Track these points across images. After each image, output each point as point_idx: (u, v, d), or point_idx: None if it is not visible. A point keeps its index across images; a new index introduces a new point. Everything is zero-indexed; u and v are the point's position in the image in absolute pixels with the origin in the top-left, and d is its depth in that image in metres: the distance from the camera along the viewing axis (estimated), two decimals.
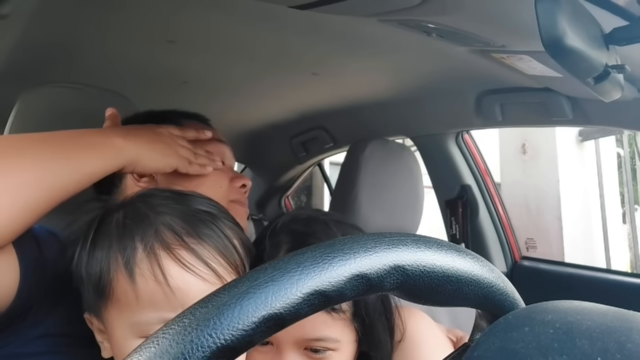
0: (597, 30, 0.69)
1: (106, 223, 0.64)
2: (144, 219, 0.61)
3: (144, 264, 0.58)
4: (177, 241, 0.60)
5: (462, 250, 0.35)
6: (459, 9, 0.85)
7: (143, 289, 0.58)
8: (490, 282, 0.35)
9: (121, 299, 0.59)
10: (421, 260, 0.32)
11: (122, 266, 0.59)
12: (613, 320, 0.30)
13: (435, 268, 0.33)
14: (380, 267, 0.31)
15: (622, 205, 3.78)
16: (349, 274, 0.30)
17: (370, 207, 1.37)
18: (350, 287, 0.30)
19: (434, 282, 0.33)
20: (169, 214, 0.62)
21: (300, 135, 2.03)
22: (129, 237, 0.60)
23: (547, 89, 1.29)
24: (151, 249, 0.59)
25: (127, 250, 0.59)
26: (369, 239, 0.32)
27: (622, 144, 3.54)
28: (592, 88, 0.73)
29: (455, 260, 0.34)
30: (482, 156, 1.76)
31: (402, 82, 1.47)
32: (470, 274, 0.34)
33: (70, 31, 1.13)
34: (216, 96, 1.64)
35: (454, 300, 0.35)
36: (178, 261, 0.59)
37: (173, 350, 0.27)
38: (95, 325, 0.64)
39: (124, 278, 0.59)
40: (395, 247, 0.32)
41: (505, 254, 1.73)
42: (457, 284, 0.34)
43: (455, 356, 0.40)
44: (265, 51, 1.25)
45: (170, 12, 1.05)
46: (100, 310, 0.62)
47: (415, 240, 0.33)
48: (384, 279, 0.31)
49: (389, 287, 0.32)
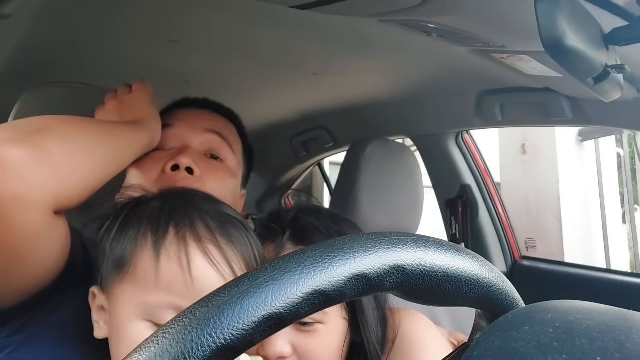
0: (597, 31, 0.69)
1: (142, 207, 0.66)
2: (180, 210, 0.63)
3: (173, 248, 0.60)
4: (209, 236, 0.62)
5: (462, 250, 0.35)
6: (459, 9, 0.85)
7: (165, 271, 0.59)
8: (489, 281, 0.35)
9: (140, 275, 0.60)
10: (421, 260, 0.32)
11: (150, 244, 0.60)
12: (612, 319, 0.30)
13: (435, 268, 0.33)
14: (380, 267, 0.31)
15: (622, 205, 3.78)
16: (349, 274, 0.30)
17: (370, 207, 1.37)
18: (351, 287, 0.30)
19: (433, 282, 0.33)
20: (206, 212, 0.64)
21: (300, 135, 2.03)
22: (164, 221, 0.62)
23: (547, 89, 1.29)
24: (183, 236, 0.61)
25: (160, 231, 0.61)
26: (369, 238, 0.32)
27: (622, 144, 3.54)
28: (592, 88, 0.73)
29: (455, 260, 0.34)
30: (482, 156, 1.76)
31: (403, 82, 1.47)
32: (469, 274, 0.34)
33: (72, 31, 1.13)
34: (217, 96, 1.63)
35: (453, 300, 0.35)
36: (205, 254, 0.60)
37: (173, 349, 0.27)
38: (97, 301, 0.65)
39: (149, 255, 0.60)
40: (395, 247, 0.32)
41: (505, 253, 1.73)
42: (457, 283, 0.34)
43: (455, 356, 0.41)
44: (267, 51, 1.26)
45: (173, 12, 1.05)
46: (111, 284, 0.63)
47: (415, 240, 0.33)
48: (384, 278, 0.31)
49: (389, 287, 0.32)
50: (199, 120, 0.93)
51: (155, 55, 1.29)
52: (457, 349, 0.41)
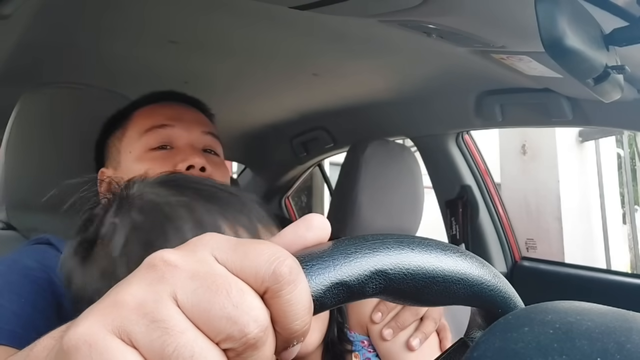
0: (597, 31, 0.69)
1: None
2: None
3: None
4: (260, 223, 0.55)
5: (449, 248, 0.34)
6: (459, 10, 0.85)
7: None
8: (479, 278, 0.34)
9: None
10: (404, 263, 0.31)
11: None
12: (613, 320, 0.30)
13: (419, 270, 0.32)
14: (361, 273, 0.30)
15: (622, 205, 3.78)
16: (328, 283, 0.29)
17: (371, 207, 1.37)
18: (330, 296, 0.29)
19: (419, 284, 0.32)
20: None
21: (300, 136, 2.03)
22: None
23: (547, 90, 1.29)
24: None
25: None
26: (349, 243, 0.31)
27: (622, 145, 3.54)
28: (592, 89, 0.73)
29: (441, 260, 0.33)
30: (482, 156, 1.77)
31: (403, 83, 1.47)
32: (457, 273, 0.33)
33: (72, 31, 1.13)
34: (217, 96, 1.64)
35: (441, 299, 0.34)
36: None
37: None
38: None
39: None
40: (376, 251, 0.31)
41: (505, 254, 1.73)
42: (444, 283, 0.33)
43: (451, 352, 0.40)
44: (266, 52, 1.26)
45: (172, 12, 1.05)
46: None
47: (399, 242, 0.32)
48: (365, 284, 0.30)
49: (372, 293, 0.31)
50: (194, 121, 0.94)
51: (155, 56, 1.29)
52: (453, 345, 0.41)
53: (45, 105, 1.03)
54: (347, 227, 1.37)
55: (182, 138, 0.90)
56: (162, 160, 0.85)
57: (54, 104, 1.03)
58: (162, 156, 0.86)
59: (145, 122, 0.89)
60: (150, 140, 0.87)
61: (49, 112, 1.02)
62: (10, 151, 0.99)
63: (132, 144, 0.88)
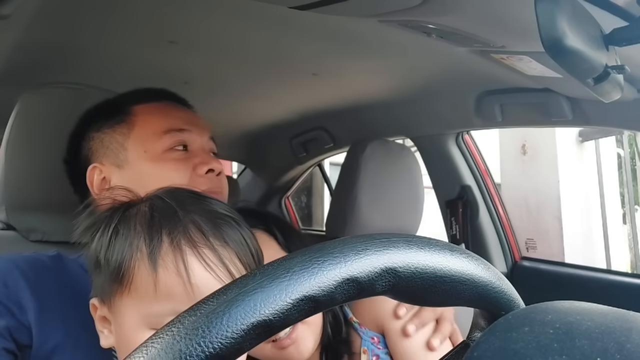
0: (597, 31, 0.69)
1: (130, 214, 0.64)
2: (173, 215, 0.62)
3: (169, 257, 0.59)
4: (203, 240, 0.61)
5: (456, 249, 0.34)
6: (459, 10, 0.85)
7: (163, 281, 0.59)
8: (485, 280, 0.35)
9: (139, 288, 0.60)
10: (413, 262, 0.32)
11: (146, 256, 0.60)
12: (613, 320, 0.30)
13: (428, 269, 0.32)
14: (371, 270, 0.30)
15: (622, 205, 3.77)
16: (339, 279, 0.29)
17: (371, 207, 1.37)
18: (341, 292, 0.29)
19: (426, 283, 0.32)
20: (197, 213, 0.63)
21: (300, 136, 2.03)
22: (157, 229, 0.61)
23: (547, 90, 1.29)
24: (177, 244, 0.60)
25: (154, 241, 0.60)
26: (359, 241, 0.31)
27: (622, 145, 3.53)
28: (592, 89, 0.73)
29: (449, 260, 0.33)
30: (482, 156, 1.77)
31: (403, 83, 1.47)
32: (464, 274, 0.33)
33: (72, 32, 1.13)
34: (217, 96, 1.64)
35: (448, 300, 0.34)
36: (202, 259, 0.60)
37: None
38: (99, 312, 0.65)
39: (145, 267, 0.60)
40: (386, 249, 0.31)
41: (506, 254, 1.73)
42: (451, 284, 0.33)
43: (454, 354, 0.40)
44: (266, 52, 1.26)
45: (172, 13, 1.05)
46: (112, 298, 0.62)
47: (407, 241, 0.32)
48: (375, 281, 0.30)
49: (381, 290, 0.31)
50: (204, 127, 0.95)
51: (155, 56, 1.29)
52: (455, 348, 0.41)
53: (45, 105, 1.02)
54: (347, 227, 1.37)
55: (197, 142, 0.91)
56: (181, 161, 0.87)
57: (54, 104, 1.03)
58: (181, 157, 0.88)
59: (161, 123, 0.88)
60: (168, 142, 0.87)
61: (49, 112, 1.02)
62: (10, 151, 0.99)
63: (147, 144, 0.86)
